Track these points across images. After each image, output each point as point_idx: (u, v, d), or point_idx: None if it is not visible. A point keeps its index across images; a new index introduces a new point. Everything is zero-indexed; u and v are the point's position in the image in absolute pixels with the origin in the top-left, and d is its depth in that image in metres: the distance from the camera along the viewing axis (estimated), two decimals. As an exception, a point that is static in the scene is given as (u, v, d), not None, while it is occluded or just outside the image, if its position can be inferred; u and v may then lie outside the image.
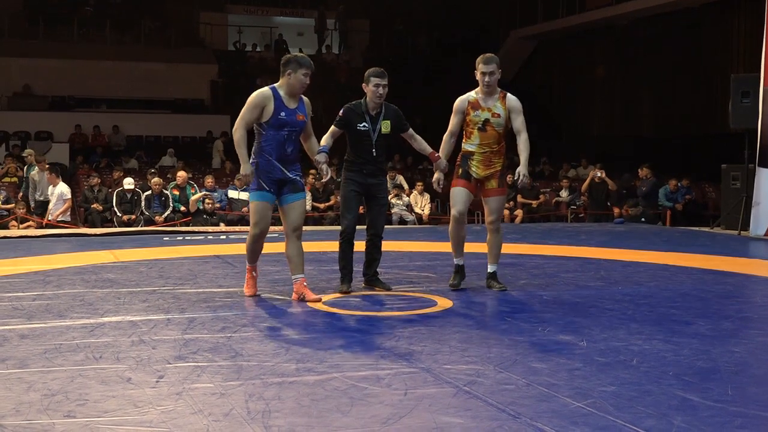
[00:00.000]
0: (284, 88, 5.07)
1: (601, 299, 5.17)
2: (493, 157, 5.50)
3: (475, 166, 5.49)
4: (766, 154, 9.85)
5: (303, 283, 5.14)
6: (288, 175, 5.09)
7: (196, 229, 10.88)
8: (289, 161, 5.09)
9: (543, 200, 14.63)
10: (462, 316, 4.70)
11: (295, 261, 5.15)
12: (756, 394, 3.10)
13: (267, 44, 23.86)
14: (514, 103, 5.49)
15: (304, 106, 5.15)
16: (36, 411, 2.83)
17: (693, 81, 17.88)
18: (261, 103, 5.01)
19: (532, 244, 8.66)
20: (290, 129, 5.04)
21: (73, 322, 4.39)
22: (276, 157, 5.03)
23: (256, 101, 5.02)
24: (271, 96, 5.02)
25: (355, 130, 5.45)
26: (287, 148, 5.05)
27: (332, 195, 13.51)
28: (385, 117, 5.50)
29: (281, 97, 5.04)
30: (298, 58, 5.08)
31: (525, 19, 21.99)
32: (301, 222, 5.19)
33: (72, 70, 19.75)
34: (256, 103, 5.02)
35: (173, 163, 16.45)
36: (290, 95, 5.07)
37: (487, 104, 5.45)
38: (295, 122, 5.06)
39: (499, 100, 5.47)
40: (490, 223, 5.60)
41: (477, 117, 5.45)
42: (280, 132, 5.01)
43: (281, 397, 3.01)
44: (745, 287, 6.12)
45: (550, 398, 3.00)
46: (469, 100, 5.49)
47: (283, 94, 5.06)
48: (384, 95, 5.44)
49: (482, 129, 5.45)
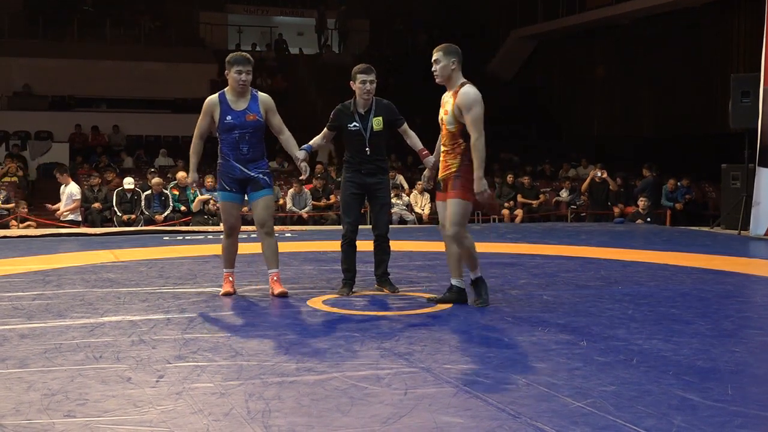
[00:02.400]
0: (229, 90, 5.14)
1: (601, 299, 5.17)
2: (447, 158, 4.84)
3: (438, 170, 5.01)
4: (766, 154, 9.85)
5: (273, 278, 5.24)
6: (249, 173, 5.16)
7: (196, 228, 10.88)
8: (248, 160, 5.15)
9: (543, 200, 14.64)
10: (462, 315, 4.70)
11: (266, 255, 5.27)
12: (756, 394, 3.10)
13: (267, 44, 23.86)
14: (463, 97, 4.70)
15: (258, 104, 5.13)
16: (36, 410, 2.83)
17: (693, 81, 17.88)
18: (208, 111, 5.15)
19: (532, 244, 8.66)
20: (240, 131, 5.09)
21: (73, 321, 4.39)
22: (233, 158, 5.14)
23: (204, 109, 5.17)
24: (217, 102, 5.12)
25: (347, 130, 5.42)
26: (242, 148, 5.11)
27: (332, 194, 13.52)
28: (377, 114, 5.41)
29: (227, 101, 5.10)
30: (231, 57, 5.10)
31: (525, 18, 21.99)
32: (267, 217, 5.23)
33: (72, 70, 19.75)
34: (204, 111, 5.17)
35: (172, 163, 16.47)
36: (237, 96, 5.09)
37: (444, 101, 4.88)
38: (245, 123, 5.08)
39: (452, 96, 4.80)
40: (445, 236, 4.98)
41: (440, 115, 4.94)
42: (231, 135, 5.10)
43: (281, 396, 3.01)
44: (745, 287, 6.12)
45: (550, 398, 3.00)
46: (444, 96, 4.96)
47: (230, 96, 5.10)
48: (372, 91, 5.36)
49: (442, 129, 4.94)
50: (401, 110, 5.57)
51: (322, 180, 13.81)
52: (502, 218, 13.97)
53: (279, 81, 21.47)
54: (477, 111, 4.66)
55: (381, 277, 5.52)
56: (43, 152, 16.95)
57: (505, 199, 14.29)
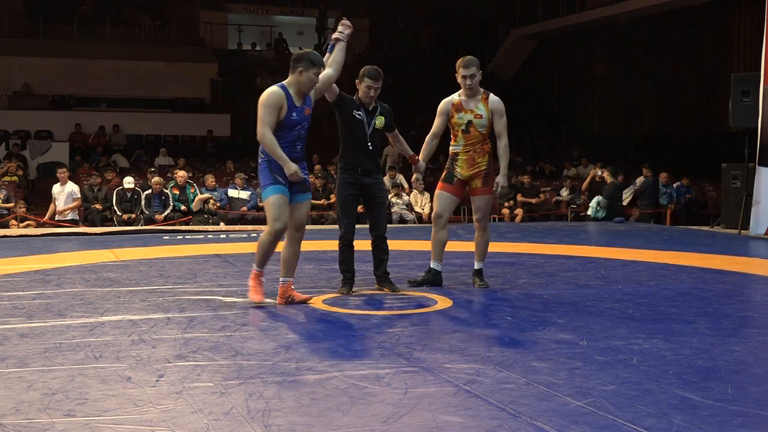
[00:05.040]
0: (294, 86, 4.90)
1: (601, 298, 5.17)
2: (477, 157, 5.55)
3: (459, 167, 5.58)
4: (766, 153, 9.85)
5: (291, 286, 5.03)
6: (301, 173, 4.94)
7: (196, 228, 10.88)
8: (300, 159, 4.95)
9: (543, 199, 14.64)
10: (462, 315, 4.70)
11: (290, 263, 5.00)
12: (756, 393, 3.10)
13: (267, 43, 23.85)
14: (497, 104, 5.55)
15: (310, 98, 5.03)
16: (36, 410, 2.83)
17: (693, 80, 17.88)
18: (279, 104, 4.81)
19: (532, 243, 8.66)
20: (300, 127, 4.92)
21: (73, 321, 4.39)
22: (289, 156, 4.84)
23: (273, 102, 4.80)
24: (283, 96, 4.84)
25: (350, 115, 5.37)
26: (297, 146, 4.91)
27: (332, 194, 13.51)
28: (380, 113, 5.46)
29: (291, 96, 4.88)
30: (310, 56, 4.91)
31: (525, 17, 22.00)
32: (306, 221, 5.05)
33: (72, 69, 19.76)
34: (273, 104, 4.79)
35: (172, 162, 16.47)
36: (298, 93, 4.92)
37: (469, 106, 5.52)
38: (304, 119, 4.94)
39: (481, 101, 5.54)
40: (476, 221, 5.70)
41: (461, 119, 5.53)
42: (292, 132, 4.87)
43: (281, 396, 3.01)
44: (745, 286, 6.13)
45: (550, 397, 3.00)
46: (452, 102, 5.57)
47: (293, 92, 4.89)
48: (375, 96, 5.41)
49: (466, 131, 5.53)
50: (401, 110, 5.62)
51: (322, 179, 13.81)
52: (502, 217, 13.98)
53: (279, 80, 21.41)
54: (505, 118, 5.56)
55: (381, 277, 5.51)
56: (43, 152, 16.94)
57: (505, 198, 14.30)
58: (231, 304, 4.93)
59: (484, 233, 5.69)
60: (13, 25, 20.64)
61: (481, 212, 5.64)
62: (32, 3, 21.72)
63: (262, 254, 4.91)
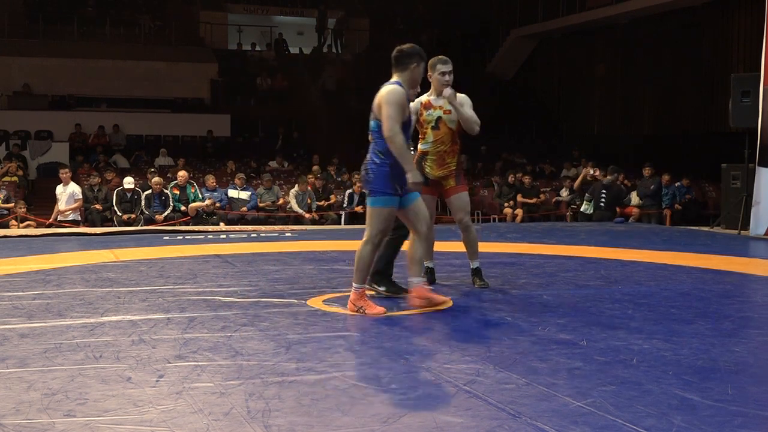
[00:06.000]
0: (407, 84, 4.72)
1: (600, 299, 5.17)
2: (446, 156, 5.54)
3: (429, 167, 5.54)
4: (766, 154, 9.85)
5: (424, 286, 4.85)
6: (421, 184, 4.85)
7: (196, 228, 10.88)
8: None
9: (543, 199, 14.64)
10: (462, 315, 4.69)
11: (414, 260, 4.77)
12: (756, 394, 3.10)
13: (267, 43, 23.86)
14: (465, 98, 5.55)
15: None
16: (36, 410, 2.83)
17: (693, 80, 17.89)
18: (404, 103, 4.58)
19: (532, 243, 8.66)
20: (410, 128, 4.82)
21: (73, 321, 4.39)
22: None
23: (401, 100, 4.56)
24: (404, 94, 4.64)
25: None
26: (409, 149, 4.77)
27: (332, 194, 13.52)
28: None
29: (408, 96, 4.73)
30: (420, 51, 4.77)
31: (525, 17, 22.00)
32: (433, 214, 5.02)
33: (72, 69, 19.76)
34: (401, 102, 4.56)
35: (172, 162, 16.48)
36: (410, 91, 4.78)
37: (438, 102, 5.53)
38: (411, 120, 4.88)
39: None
40: (459, 222, 5.65)
41: (430, 116, 5.52)
42: (407, 131, 4.69)
43: (281, 396, 3.01)
44: (744, 287, 6.13)
45: (550, 397, 3.00)
46: (421, 101, 5.56)
47: (406, 89, 4.72)
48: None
49: (435, 127, 5.52)
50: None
51: (322, 180, 13.81)
52: (504, 218, 13.98)
53: (279, 80, 21.47)
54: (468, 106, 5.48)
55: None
56: (43, 152, 16.96)
57: (505, 198, 14.30)
58: (231, 304, 4.93)
59: (469, 232, 5.63)
60: (13, 25, 20.65)
61: (462, 211, 5.58)
62: (32, 3, 21.73)
63: (365, 268, 4.70)
